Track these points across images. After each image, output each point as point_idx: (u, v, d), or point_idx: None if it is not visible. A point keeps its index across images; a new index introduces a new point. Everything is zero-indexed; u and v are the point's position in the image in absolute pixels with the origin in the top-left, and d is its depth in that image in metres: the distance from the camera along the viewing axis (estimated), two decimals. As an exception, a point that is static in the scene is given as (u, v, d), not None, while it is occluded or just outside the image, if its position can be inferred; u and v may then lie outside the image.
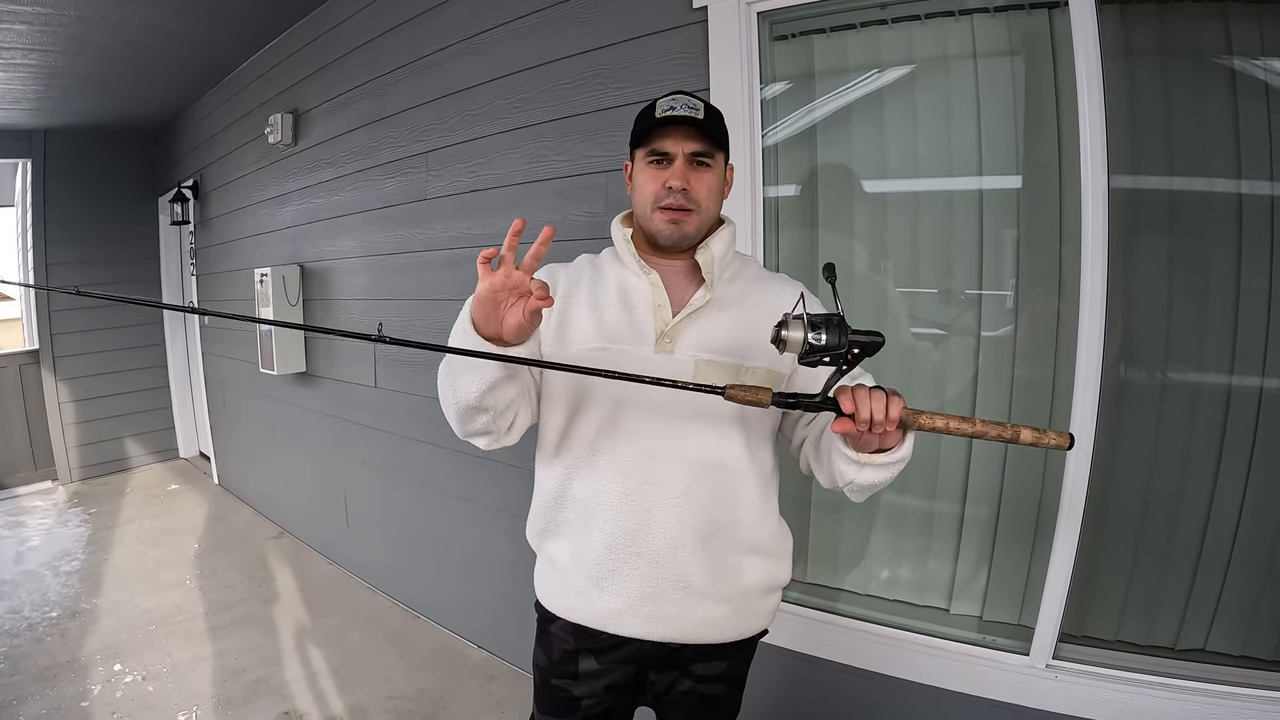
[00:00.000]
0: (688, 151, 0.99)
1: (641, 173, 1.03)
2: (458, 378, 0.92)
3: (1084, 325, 1.36)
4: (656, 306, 1.02)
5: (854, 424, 0.82)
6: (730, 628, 1.06)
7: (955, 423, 0.83)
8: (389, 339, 0.88)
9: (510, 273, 0.83)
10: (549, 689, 1.12)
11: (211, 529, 3.74)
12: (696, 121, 0.98)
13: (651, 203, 1.01)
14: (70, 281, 4.40)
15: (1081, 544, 1.41)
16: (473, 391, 0.91)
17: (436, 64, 2.35)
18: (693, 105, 1.00)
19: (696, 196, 1.00)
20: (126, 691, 2.22)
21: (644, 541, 1.00)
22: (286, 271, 3.14)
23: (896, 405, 0.81)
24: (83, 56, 3.14)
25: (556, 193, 2.01)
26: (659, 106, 1.01)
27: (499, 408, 0.94)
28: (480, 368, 0.89)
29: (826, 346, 0.79)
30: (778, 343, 0.81)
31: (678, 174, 0.99)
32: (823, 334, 0.79)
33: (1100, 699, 1.38)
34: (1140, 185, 1.41)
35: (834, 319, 0.80)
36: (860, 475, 0.91)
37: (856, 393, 0.82)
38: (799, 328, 0.80)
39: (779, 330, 0.81)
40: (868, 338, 0.80)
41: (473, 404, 0.93)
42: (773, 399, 0.84)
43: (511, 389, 0.93)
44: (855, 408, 0.81)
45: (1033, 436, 0.82)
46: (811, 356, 0.80)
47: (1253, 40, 1.32)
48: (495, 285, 0.83)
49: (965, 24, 1.51)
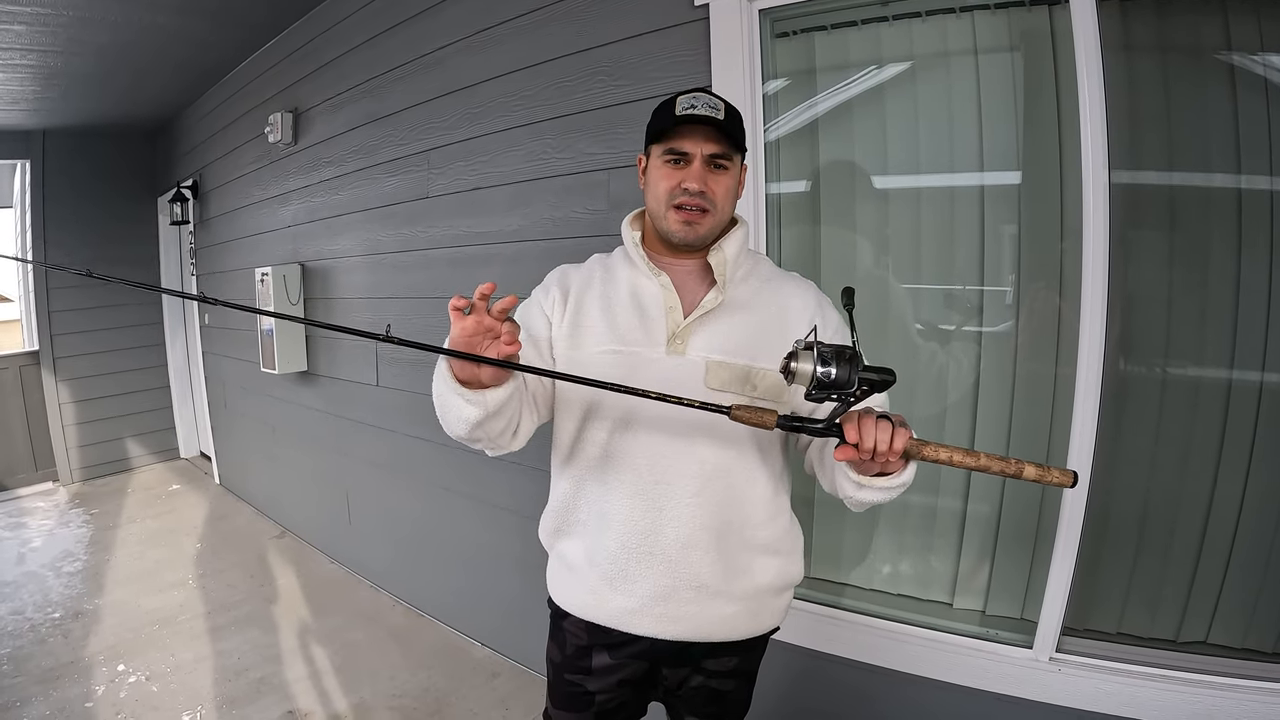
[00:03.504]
0: (706, 153, 0.98)
1: (657, 169, 1.02)
2: (444, 417, 0.94)
3: (1085, 320, 1.36)
4: (668, 309, 1.02)
5: (857, 453, 0.81)
6: (742, 626, 1.06)
7: (960, 455, 0.82)
8: (397, 339, 0.88)
9: (482, 318, 0.84)
10: (563, 684, 1.13)
11: (213, 529, 3.74)
12: (717, 122, 0.97)
13: (666, 201, 1.00)
14: (69, 282, 4.42)
15: (1083, 538, 1.42)
16: (460, 429, 0.93)
17: (437, 62, 2.35)
18: (714, 105, 0.98)
19: (713, 198, 1.00)
20: (130, 692, 2.23)
21: (657, 541, 1.00)
22: (287, 271, 3.14)
23: (901, 438, 0.81)
24: (81, 57, 3.13)
25: (558, 190, 2.02)
26: (679, 103, 0.99)
27: (491, 435, 0.96)
28: (462, 410, 0.90)
29: (836, 382, 0.77)
30: (786, 374, 0.79)
31: (695, 176, 0.98)
32: (833, 369, 0.77)
33: (1104, 692, 1.38)
34: (1140, 181, 1.41)
35: (846, 353, 0.77)
36: (859, 494, 0.91)
37: (863, 422, 0.81)
38: (809, 360, 0.77)
39: (788, 361, 0.79)
40: (879, 376, 0.77)
41: (464, 437, 0.95)
42: (778, 422, 0.84)
43: (499, 422, 0.94)
44: (860, 438, 0.81)
45: (1036, 473, 0.81)
46: (820, 392, 0.78)
47: (1252, 36, 1.33)
48: (469, 329, 0.84)
49: (966, 20, 1.51)
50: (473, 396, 0.89)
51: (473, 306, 0.84)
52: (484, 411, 0.90)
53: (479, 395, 0.89)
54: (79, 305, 4.48)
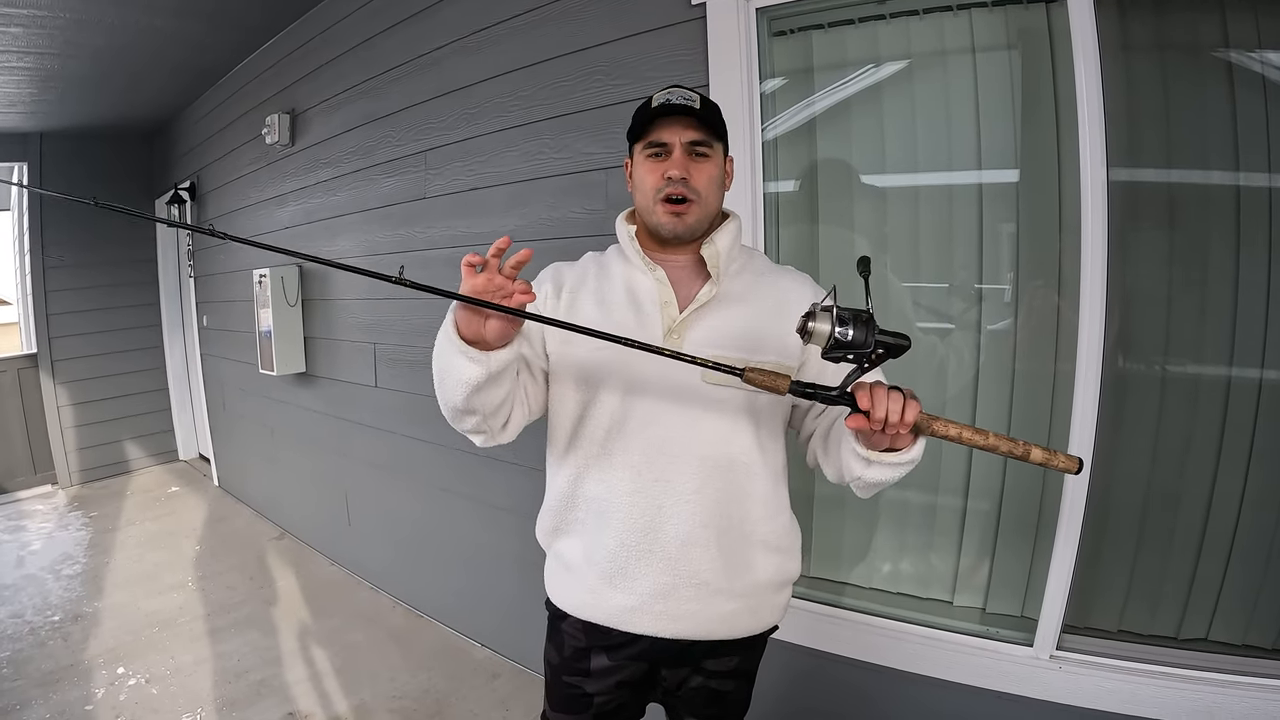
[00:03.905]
0: (685, 140, 0.99)
1: (640, 166, 1.03)
2: (444, 381, 0.93)
3: (1084, 318, 1.36)
4: (663, 303, 1.02)
5: (868, 421, 0.81)
6: (742, 623, 1.06)
7: (969, 433, 0.82)
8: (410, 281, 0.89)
9: (493, 275, 0.84)
10: (561, 686, 1.12)
11: (212, 531, 3.74)
12: (693, 110, 0.98)
13: (653, 195, 1.01)
14: (67, 284, 4.42)
15: (1083, 535, 1.42)
16: (458, 395, 0.92)
17: (434, 63, 2.35)
18: (688, 96, 1.00)
19: (697, 186, 1.00)
20: (130, 694, 2.22)
21: (657, 539, 1.00)
22: (285, 272, 3.14)
23: (913, 409, 0.81)
24: (78, 59, 3.12)
25: (556, 190, 2.01)
26: (654, 100, 1.01)
27: (487, 410, 0.95)
28: (464, 371, 0.89)
29: (852, 343, 0.77)
30: (804, 333, 0.79)
31: (677, 163, 0.99)
32: (850, 330, 0.77)
33: (1104, 689, 1.38)
34: (1138, 179, 1.41)
35: (863, 315, 0.78)
36: (868, 472, 0.91)
37: (875, 390, 0.81)
38: (827, 320, 0.78)
39: (806, 321, 0.79)
40: (894, 339, 0.79)
41: (460, 406, 0.94)
42: (790, 386, 0.84)
43: (498, 391, 0.93)
44: (872, 405, 0.80)
45: (1043, 456, 0.82)
46: (836, 352, 0.78)
47: (1249, 34, 1.33)
48: (479, 287, 0.84)
49: (963, 18, 1.51)
50: (477, 355, 0.88)
51: (485, 264, 0.84)
52: (486, 371, 0.88)
53: (483, 355, 0.88)
54: (77, 308, 4.47)
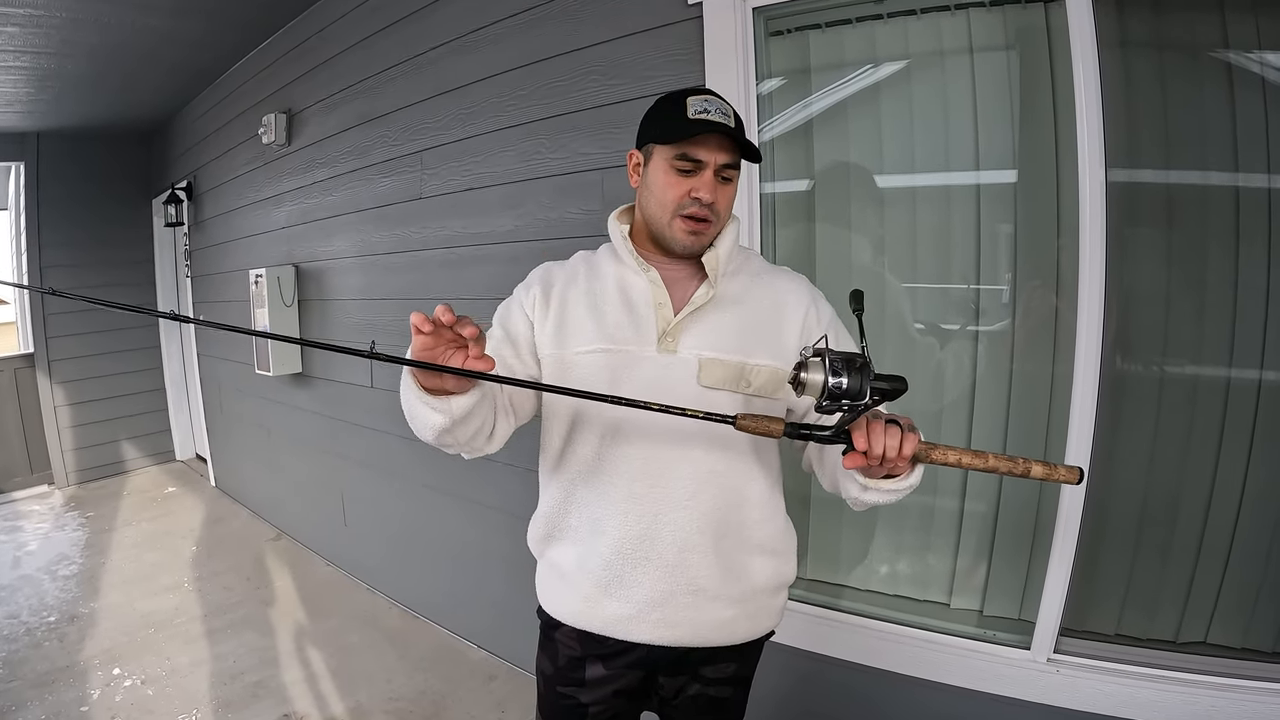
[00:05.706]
0: (720, 163, 0.95)
1: (664, 173, 0.97)
2: (412, 422, 0.92)
3: (1082, 318, 1.36)
4: (657, 305, 1.00)
5: (866, 460, 0.80)
6: (740, 629, 1.05)
7: (968, 458, 0.81)
8: (382, 356, 0.83)
9: (441, 333, 0.80)
10: (554, 697, 1.10)
11: (209, 531, 3.73)
12: (730, 130, 0.94)
13: (673, 209, 0.97)
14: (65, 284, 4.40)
15: (1081, 538, 1.41)
16: (427, 436, 0.91)
17: (430, 62, 2.34)
18: (725, 112, 0.95)
19: (719, 208, 0.98)
20: (126, 695, 2.21)
21: (654, 546, 0.98)
22: (281, 272, 3.13)
23: (910, 443, 0.80)
24: (74, 59, 3.11)
25: (552, 190, 2.01)
26: (690, 106, 0.94)
27: (461, 441, 0.94)
28: (428, 418, 0.88)
29: (847, 392, 0.75)
30: (796, 384, 0.78)
31: (707, 185, 0.95)
32: (844, 379, 0.75)
33: (1102, 693, 1.38)
34: (1137, 179, 1.41)
35: (857, 361, 0.76)
36: (864, 496, 0.90)
37: (872, 428, 0.80)
38: (819, 370, 0.75)
39: (798, 372, 0.77)
40: (890, 385, 0.76)
41: (433, 443, 0.93)
42: (785, 430, 0.82)
43: (467, 428, 0.91)
44: (869, 445, 0.79)
45: (1043, 472, 0.81)
46: (830, 403, 0.76)
47: (1249, 34, 1.32)
48: (425, 345, 0.81)
49: (961, 18, 1.51)
50: (438, 404, 0.86)
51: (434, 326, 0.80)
52: (449, 419, 0.87)
53: (444, 403, 0.86)
54: (74, 308, 4.45)
